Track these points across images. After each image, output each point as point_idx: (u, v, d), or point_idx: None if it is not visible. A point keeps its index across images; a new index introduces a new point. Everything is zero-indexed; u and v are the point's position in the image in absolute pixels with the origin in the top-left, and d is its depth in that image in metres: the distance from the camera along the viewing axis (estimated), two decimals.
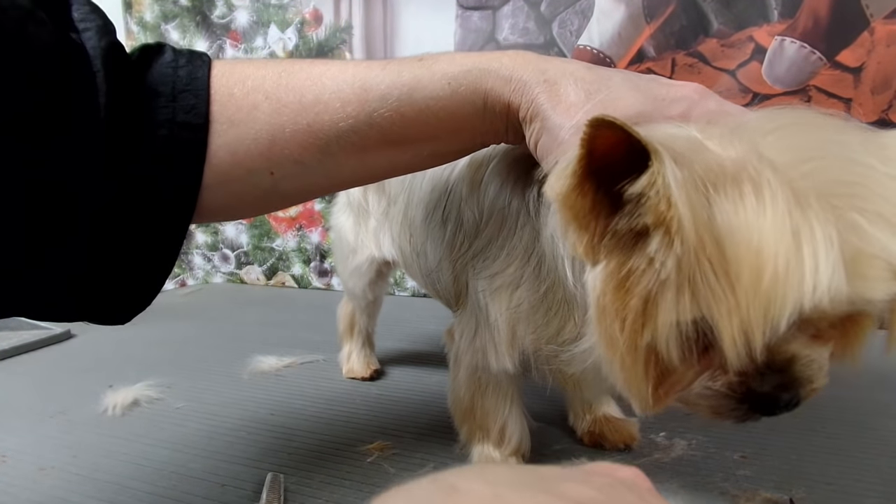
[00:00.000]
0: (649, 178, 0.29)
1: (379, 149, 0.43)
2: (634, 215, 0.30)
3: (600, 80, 0.38)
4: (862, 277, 0.28)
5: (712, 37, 0.99)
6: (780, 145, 0.30)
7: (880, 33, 0.91)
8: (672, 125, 0.34)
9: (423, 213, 0.58)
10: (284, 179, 0.44)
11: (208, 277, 1.50)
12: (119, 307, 0.44)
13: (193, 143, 0.41)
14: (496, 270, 0.49)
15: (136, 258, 0.42)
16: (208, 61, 0.43)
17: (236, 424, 0.68)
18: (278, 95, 0.42)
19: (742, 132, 0.32)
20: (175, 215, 0.42)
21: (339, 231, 0.78)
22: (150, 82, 0.41)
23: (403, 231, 0.63)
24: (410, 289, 1.28)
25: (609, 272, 0.32)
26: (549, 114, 0.38)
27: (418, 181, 0.60)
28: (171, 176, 0.41)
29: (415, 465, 0.57)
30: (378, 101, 0.41)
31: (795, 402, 0.33)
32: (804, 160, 0.29)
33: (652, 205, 0.29)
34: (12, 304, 0.39)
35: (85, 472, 0.59)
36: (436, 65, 0.41)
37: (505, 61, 0.39)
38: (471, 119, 0.41)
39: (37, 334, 1.00)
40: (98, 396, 0.75)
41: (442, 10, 1.15)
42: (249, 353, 0.88)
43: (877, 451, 0.57)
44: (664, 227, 0.29)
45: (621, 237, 0.31)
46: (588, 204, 0.31)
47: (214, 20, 1.35)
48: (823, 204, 0.28)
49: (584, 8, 1.05)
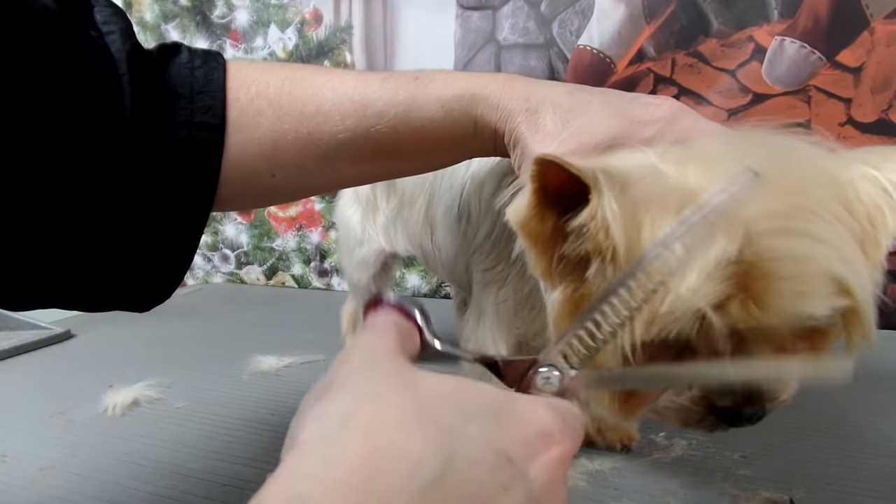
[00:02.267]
0: (590, 210, 0.30)
1: (375, 159, 0.45)
2: (578, 243, 0.32)
3: (578, 106, 0.39)
4: (802, 295, 0.29)
5: (712, 37, 0.99)
6: (732, 168, 0.31)
7: (880, 33, 0.91)
8: (636, 150, 0.36)
9: (443, 210, 0.62)
10: (284, 181, 0.45)
11: (208, 277, 1.50)
12: (148, 294, 0.46)
13: (211, 142, 0.42)
14: (488, 266, 0.52)
15: (158, 255, 0.43)
16: (223, 63, 0.44)
17: (236, 424, 0.68)
18: (281, 103, 0.43)
19: (700, 155, 0.33)
20: (194, 211, 0.44)
21: (346, 224, 0.79)
22: (169, 83, 0.42)
23: (425, 229, 0.66)
24: (410, 289, 1.28)
25: (565, 296, 0.34)
26: (528, 142, 0.39)
27: (438, 181, 0.63)
28: (191, 175, 0.42)
29: None
30: (375, 117, 0.42)
31: (760, 416, 0.34)
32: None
33: (591, 234, 0.31)
34: (51, 294, 0.41)
35: (85, 472, 0.59)
36: (431, 85, 0.42)
37: (493, 88, 0.41)
38: (462, 140, 0.43)
39: (37, 334, 1.00)
40: (98, 396, 0.75)
41: (442, 10, 1.15)
42: (249, 353, 0.88)
43: (877, 451, 0.57)
44: (601, 255, 0.31)
45: (573, 263, 0.33)
46: (548, 231, 0.33)
47: (214, 20, 1.35)
48: (752, 226, 0.29)
49: (584, 8, 1.05)
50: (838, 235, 0.30)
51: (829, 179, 0.32)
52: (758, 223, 0.29)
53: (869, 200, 0.32)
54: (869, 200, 0.32)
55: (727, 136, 0.33)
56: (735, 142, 0.33)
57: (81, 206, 0.38)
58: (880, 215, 0.32)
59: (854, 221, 0.32)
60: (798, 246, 0.30)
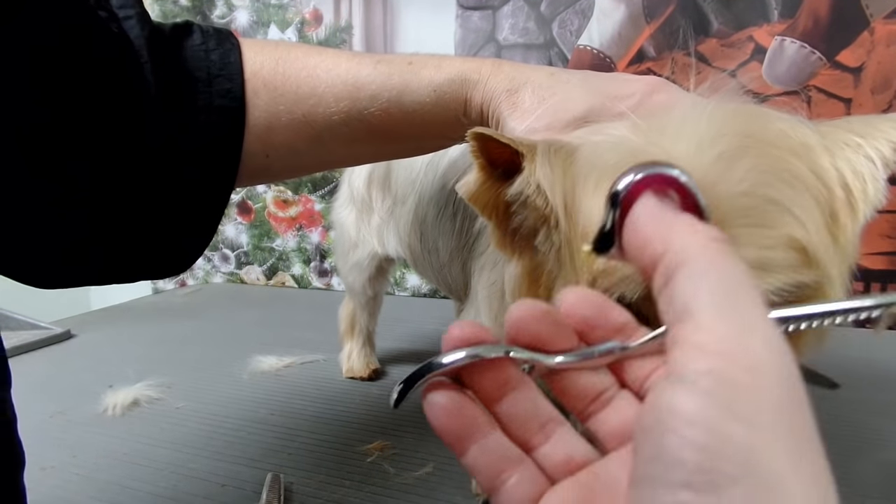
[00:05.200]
0: (523, 176, 0.31)
1: (367, 141, 0.45)
2: (524, 214, 0.32)
3: (557, 84, 0.40)
4: (760, 267, 0.27)
5: (712, 37, 0.99)
6: (699, 135, 0.30)
7: (880, 33, 0.91)
8: (609, 123, 0.35)
9: (434, 210, 0.61)
10: (277, 161, 0.46)
11: (208, 277, 1.50)
12: (177, 260, 0.46)
13: (231, 125, 0.43)
14: (482, 250, 0.53)
15: (183, 229, 0.44)
16: (237, 43, 0.44)
17: (236, 424, 0.68)
18: (275, 84, 0.43)
19: (669, 124, 0.31)
20: (216, 190, 0.44)
21: (341, 226, 0.78)
22: (186, 66, 0.42)
23: (413, 230, 0.65)
24: (410, 289, 1.28)
25: (522, 268, 0.34)
26: (506, 120, 0.40)
27: (429, 180, 0.62)
28: (212, 158, 0.43)
29: (415, 464, 0.57)
30: (368, 99, 0.43)
31: None
32: (712, 145, 0.29)
33: (532, 202, 0.31)
34: (82, 270, 0.42)
35: (85, 472, 0.59)
36: (423, 70, 0.43)
37: (483, 71, 0.42)
38: (452, 123, 0.43)
39: (37, 334, 1.00)
40: (98, 396, 0.75)
41: (442, 10, 1.15)
42: (249, 353, 0.88)
43: (877, 451, 0.58)
44: (545, 222, 0.31)
45: (525, 235, 0.33)
46: (502, 204, 0.33)
47: (214, 20, 1.35)
48: (709, 191, 0.27)
49: (584, 8, 1.05)
50: (803, 202, 0.29)
51: (798, 145, 0.31)
52: (716, 187, 0.27)
53: (848, 167, 0.30)
54: (848, 167, 0.30)
55: (700, 105, 0.33)
56: (706, 110, 0.31)
57: (112, 193, 0.38)
58: (860, 182, 0.30)
59: (823, 187, 0.30)
60: (756, 212, 0.28)
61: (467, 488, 0.54)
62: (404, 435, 0.64)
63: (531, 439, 0.22)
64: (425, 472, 0.56)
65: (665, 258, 0.19)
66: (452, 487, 0.54)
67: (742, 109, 0.33)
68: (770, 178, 0.29)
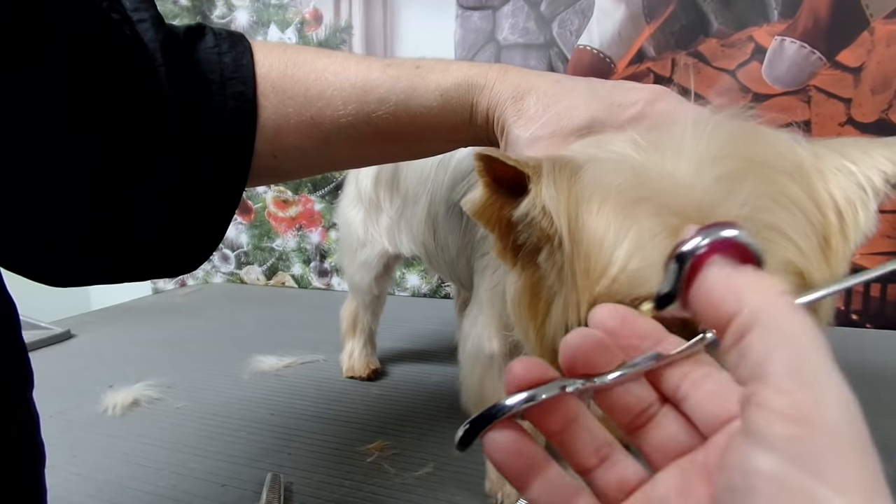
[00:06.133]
0: (530, 198, 0.31)
1: (373, 143, 0.46)
2: (528, 232, 0.33)
3: (561, 92, 0.40)
4: None
5: (712, 37, 0.99)
6: (698, 156, 0.31)
7: (880, 33, 0.91)
8: (613, 137, 0.36)
9: (444, 208, 0.62)
10: (285, 162, 0.46)
11: (208, 277, 1.50)
12: (188, 258, 0.47)
13: (244, 127, 0.43)
14: (485, 251, 0.53)
15: (195, 228, 0.44)
16: (249, 46, 0.45)
17: (236, 424, 0.68)
18: (284, 87, 0.44)
19: (669, 143, 0.32)
20: (228, 189, 0.45)
21: (348, 225, 0.79)
22: (200, 70, 0.42)
23: (427, 228, 0.66)
24: (410, 289, 1.28)
25: (524, 281, 0.34)
26: (511, 126, 0.40)
27: (440, 179, 0.63)
28: (224, 159, 0.43)
29: (415, 465, 0.57)
30: (376, 103, 0.43)
31: None
32: (712, 166, 0.30)
33: (537, 222, 0.31)
34: (106, 270, 0.43)
35: (85, 472, 0.59)
36: (431, 74, 0.43)
37: (490, 77, 0.42)
38: (458, 127, 0.44)
39: (37, 334, 1.00)
40: (98, 396, 0.75)
41: (442, 10, 1.15)
42: (249, 352, 0.88)
43: (877, 451, 0.57)
44: (549, 241, 0.31)
45: (528, 251, 0.34)
46: (507, 220, 0.34)
47: (214, 20, 1.35)
48: (708, 214, 0.28)
49: (584, 8, 1.05)
50: (799, 227, 0.30)
51: (794, 168, 0.31)
52: (714, 211, 0.28)
53: (841, 194, 0.32)
54: (841, 194, 0.32)
55: (700, 123, 0.33)
56: (706, 130, 0.32)
57: (115, 194, 0.39)
58: (852, 210, 0.31)
59: (818, 212, 0.31)
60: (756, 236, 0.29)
61: (467, 488, 0.54)
62: (404, 435, 0.64)
63: (586, 462, 0.24)
64: (425, 472, 0.56)
65: (738, 318, 0.20)
66: (452, 487, 0.54)
67: (741, 130, 0.34)
68: (768, 202, 0.30)
